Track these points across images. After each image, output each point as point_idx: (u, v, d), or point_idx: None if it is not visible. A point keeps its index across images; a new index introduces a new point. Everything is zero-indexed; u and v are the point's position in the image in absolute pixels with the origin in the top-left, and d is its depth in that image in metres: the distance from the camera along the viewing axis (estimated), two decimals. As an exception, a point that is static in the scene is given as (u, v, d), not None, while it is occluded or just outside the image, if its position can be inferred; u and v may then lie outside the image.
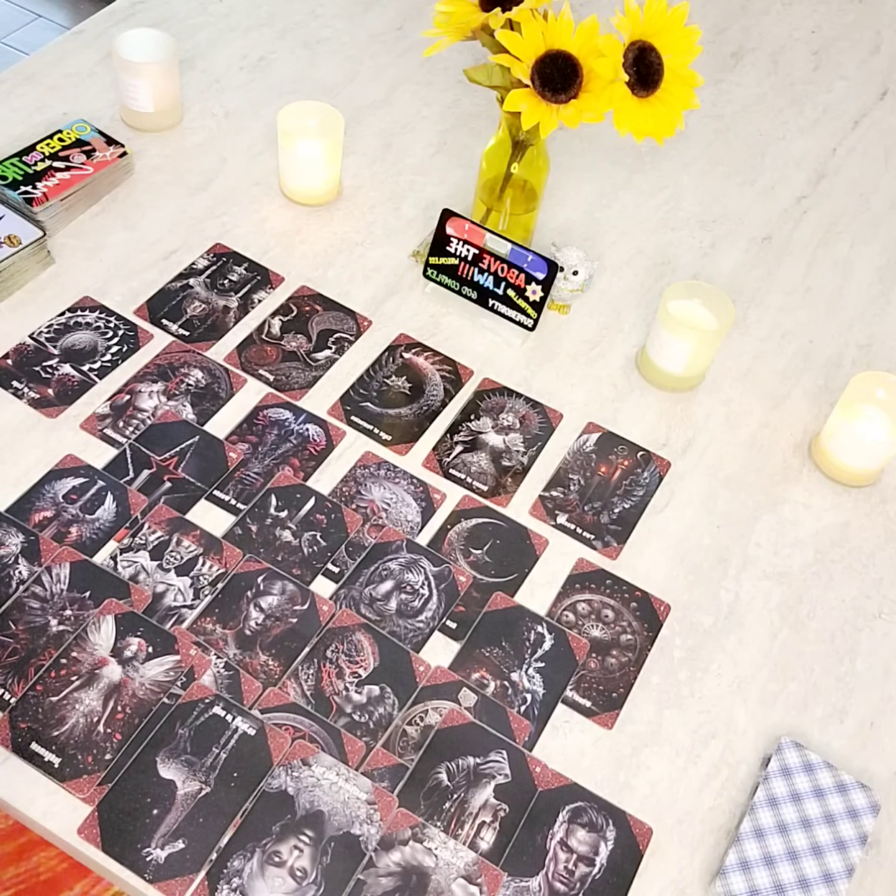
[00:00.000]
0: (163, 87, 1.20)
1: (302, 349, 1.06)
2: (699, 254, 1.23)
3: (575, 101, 0.91)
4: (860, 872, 0.80)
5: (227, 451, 0.97)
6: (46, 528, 0.89)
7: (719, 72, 1.46)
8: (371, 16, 1.45)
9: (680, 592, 0.94)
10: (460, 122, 1.33)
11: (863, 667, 0.92)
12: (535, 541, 0.95)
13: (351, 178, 1.24)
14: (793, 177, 1.34)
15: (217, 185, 1.20)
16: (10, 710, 0.79)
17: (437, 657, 0.87)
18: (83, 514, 0.90)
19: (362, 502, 0.95)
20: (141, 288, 1.09)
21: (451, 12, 0.95)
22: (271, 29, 1.40)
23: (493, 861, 0.77)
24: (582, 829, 0.80)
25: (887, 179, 1.35)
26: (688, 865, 0.80)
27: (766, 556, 0.98)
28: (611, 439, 1.04)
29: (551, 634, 0.89)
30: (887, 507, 1.03)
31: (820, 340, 1.16)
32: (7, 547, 0.87)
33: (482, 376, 1.07)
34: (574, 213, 1.25)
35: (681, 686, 0.89)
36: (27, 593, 0.85)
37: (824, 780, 0.83)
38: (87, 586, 0.86)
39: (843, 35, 1.56)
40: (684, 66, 0.93)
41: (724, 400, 1.09)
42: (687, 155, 1.34)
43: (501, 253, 1.04)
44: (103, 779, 0.77)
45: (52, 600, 0.85)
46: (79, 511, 0.90)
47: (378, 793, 0.79)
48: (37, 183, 1.10)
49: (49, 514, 0.90)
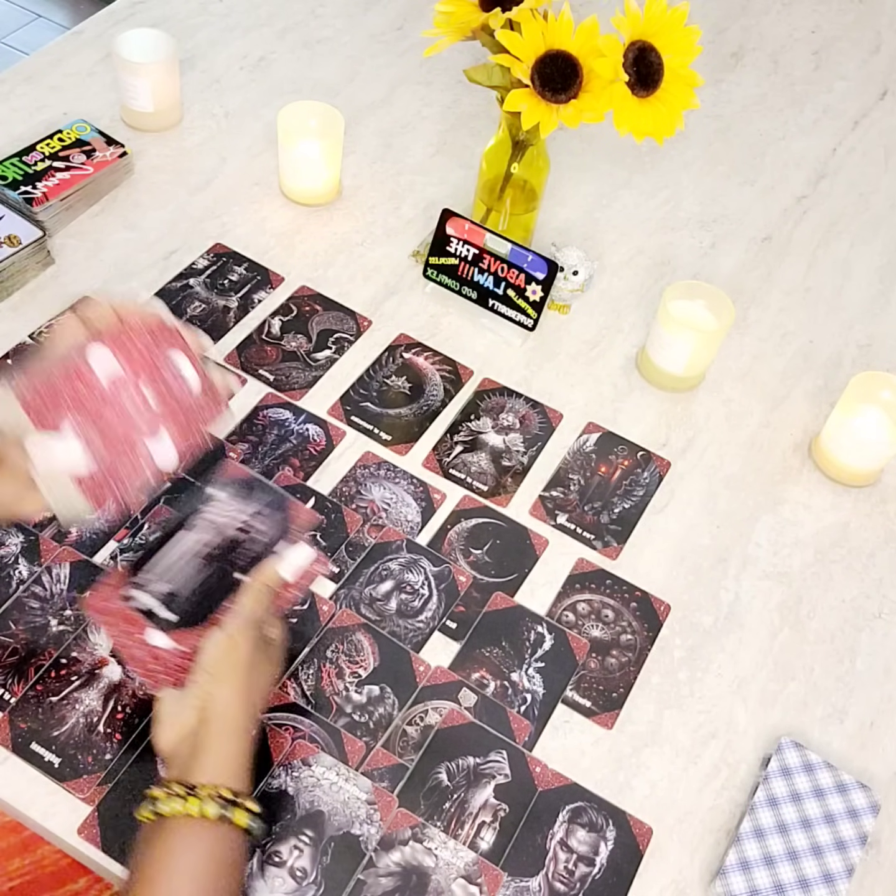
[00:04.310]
0: (163, 87, 1.20)
1: (302, 349, 1.06)
2: (699, 254, 1.23)
3: (575, 101, 0.91)
4: (860, 872, 0.80)
5: (227, 451, 0.97)
6: (46, 527, 0.89)
7: (719, 72, 1.46)
8: (371, 16, 1.45)
9: (680, 592, 0.94)
10: (460, 122, 1.33)
11: (863, 667, 0.92)
12: (535, 541, 0.95)
13: (351, 178, 1.24)
14: (793, 177, 1.34)
15: (217, 185, 1.20)
16: (10, 710, 0.79)
17: (437, 657, 0.87)
18: (83, 514, 0.90)
19: (362, 502, 0.95)
20: (141, 288, 1.09)
21: (451, 12, 0.95)
22: (271, 29, 1.40)
23: (493, 861, 0.77)
24: (582, 829, 0.80)
25: (887, 179, 1.35)
26: (688, 865, 0.80)
27: (766, 555, 0.98)
28: (611, 439, 1.04)
29: (551, 634, 0.89)
30: (887, 507, 1.03)
31: (820, 340, 1.16)
32: (7, 547, 0.87)
33: (482, 376, 1.07)
34: (574, 213, 1.25)
35: (681, 686, 0.89)
36: (27, 593, 0.85)
37: (824, 780, 0.83)
38: (87, 586, 0.86)
39: (843, 35, 1.56)
40: (684, 66, 0.93)
41: (724, 400, 1.09)
42: (687, 155, 1.34)
43: (501, 253, 1.04)
44: (103, 779, 0.77)
45: (52, 600, 0.85)
46: (79, 511, 0.90)
47: (378, 793, 0.79)
48: (37, 183, 1.10)
49: (49, 514, 0.90)
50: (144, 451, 0.69)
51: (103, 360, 0.67)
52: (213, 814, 0.66)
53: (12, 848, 0.85)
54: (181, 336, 0.71)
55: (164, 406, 0.69)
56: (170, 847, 0.66)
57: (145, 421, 0.68)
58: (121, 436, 0.68)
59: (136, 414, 0.68)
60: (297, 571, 0.75)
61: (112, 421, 0.68)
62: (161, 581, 0.73)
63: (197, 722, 0.70)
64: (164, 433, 0.69)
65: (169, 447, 0.70)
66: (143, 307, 0.72)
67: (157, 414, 0.69)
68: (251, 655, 0.72)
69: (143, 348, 0.69)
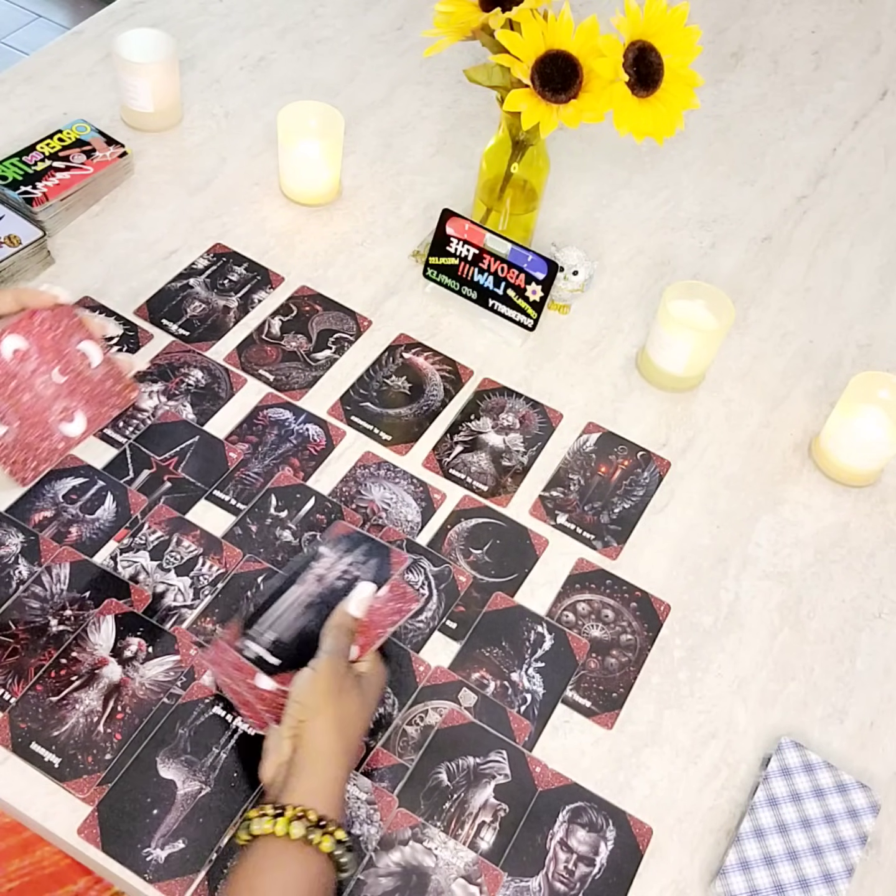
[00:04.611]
0: (163, 87, 1.20)
1: (302, 349, 1.06)
2: (699, 254, 1.23)
3: (575, 101, 0.91)
4: (860, 872, 0.80)
5: (227, 451, 0.97)
6: (46, 528, 0.89)
7: (719, 72, 1.46)
8: (371, 16, 1.45)
9: (680, 592, 0.94)
10: (460, 122, 1.33)
11: (863, 667, 0.92)
12: (535, 541, 0.95)
13: (351, 178, 1.24)
14: (793, 177, 1.34)
15: (217, 185, 1.20)
16: (10, 710, 0.79)
17: (437, 657, 0.87)
18: (83, 513, 0.90)
19: (362, 502, 0.95)
20: (141, 288, 1.09)
21: (451, 12, 0.95)
22: (271, 29, 1.40)
23: (493, 861, 0.77)
24: (582, 829, 0.80)
25: (887, 179, 1.35)
26: (688, 865, 0.80)
27: (766, 555, 0.98)
28: (611, 439, 1.04)
29: (551, 634, 0.89)
30: (887, 507, 1.03)
31: (820, 340, 1.16)
32: (7, 547, 0.87)
33: (482, 376, 1.07)
34: (574, 213, 1.25)
35: (681, 686, 0.89)
36: (27, 593, 0.85)
37: (824, 780, 0.83)
38: (87, 586, 0.86)
39: (843, 35, 1.56)
40: (684, 66, 0.93)
41: (724, 400, 1.09)
42: (687, 155, 1.34)
43: (501, 253, 1.04)
44: (103, 779, 0.77)
45: (52, 600, 0.85)
46: (79, 511, 0.90)
47: (378, 793, 0.79)
48: (37, 183, 1.10)
49: (49, 514, 0.90)
50: (55, 419, 0.78)
51: (14, 345, 0.76)
52: (297, 834, 0.67)
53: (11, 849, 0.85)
54: (83, 320, 0.80)
55: (72, 382, 0.79)
56: (258, 865, 0.68)
57: (54, 396, 0.78)
58: (32, 408, 0.77)
59: (45, 389, 0.78)
60: (361, 606, 0.80)
61: (23, 397, 0.77)
62: (269, 630, 0.79)
63: (291, 750, 0.72)
64: (72, 406, 0.79)
65: (79, 418, 0.79)
66: (48, 294, 0.79)
67: (65, 389, 0.79)
68: (337, 686, 0.74)
69: (50, 332, 0.78)
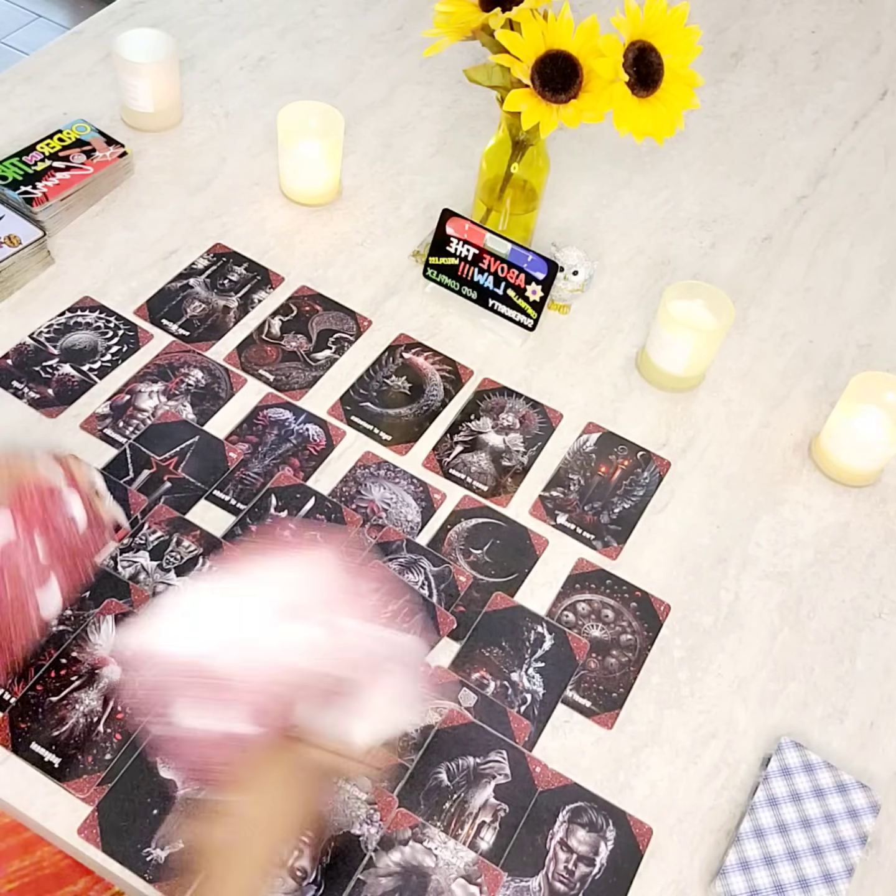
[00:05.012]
0: (163, 87, 1.20)
1: (302, 349, 1.06)
2: (699, 254, 1.23)
3: (575, 101, 0.91)
4: (860, 872, 0.80)
5: (227, 451, 0.97)
6: (46, 528, 0.89)
7: (719, 72, 1.46)
8: (371, 16, 1.45)
9: (680, 592, 0.94)
10: (460, 122, 1.33)
11: (863, 667, 0.92)
12: (535, 541, 0.95)
13: (351, 178, 1.24)
14: (793, 177, 1.34)
15: (217, 185, 1.20)
16: (10, 710, 0.79)
17: (437, 657, 0.87)
18: (83, 514, 0.90)
19: (362, 502, 0.95)
20: (141, 288, 1.09)
21: (451, 12, 0.95)
22: (271, 29, 1.40)
23: (493, 861, 0.77)
24: (582, 829, 0.80)
25: (887, 179, 1.35)
26: (688, 865, 0.80)
27: (766, 555, 0.98)
28: (611, 439, 1.04)
29: (551, 634, 0.89)
30: (887, 507, 1.03)
31: (820, 340, 1.16)
32: (7, 547, 0.87)
33: (482, 376, 1.07)
34: (574, 213, 1.25)
35: (681, 686, 0.89)
36: (27, 593, 0.85)
37: (824, 780, 0.83)
38: (86, 586, 0.86)
39: (843, 35, 1.56)
40: (684, 66, 0.93)
41: (724, 400, 1.09)
42: (687, 155, 1.34)
43: (501, 253, 1.04)
44: (103, 779, 0.77)
45: (52, 600, 0.85)
46: (79, 511, 0.90)
47: (378, 793, 0.79)
48: (37, 183, 1.10)
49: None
50: (34, 604, 0.72)
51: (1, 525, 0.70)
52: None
53: (11, 849, 0.85)
54: (72, 473, 0.76)
55: (54, 554, 0.73)
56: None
57: (36, 575, 0.72)
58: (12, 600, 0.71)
59: (27, 573, 0.71)
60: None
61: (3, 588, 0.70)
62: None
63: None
64: (52, 582, 0.73)
65: (56, 595, 0.73)
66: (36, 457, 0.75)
67: (47, 565, 0.72)
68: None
69: (38, 503, 0.72)
